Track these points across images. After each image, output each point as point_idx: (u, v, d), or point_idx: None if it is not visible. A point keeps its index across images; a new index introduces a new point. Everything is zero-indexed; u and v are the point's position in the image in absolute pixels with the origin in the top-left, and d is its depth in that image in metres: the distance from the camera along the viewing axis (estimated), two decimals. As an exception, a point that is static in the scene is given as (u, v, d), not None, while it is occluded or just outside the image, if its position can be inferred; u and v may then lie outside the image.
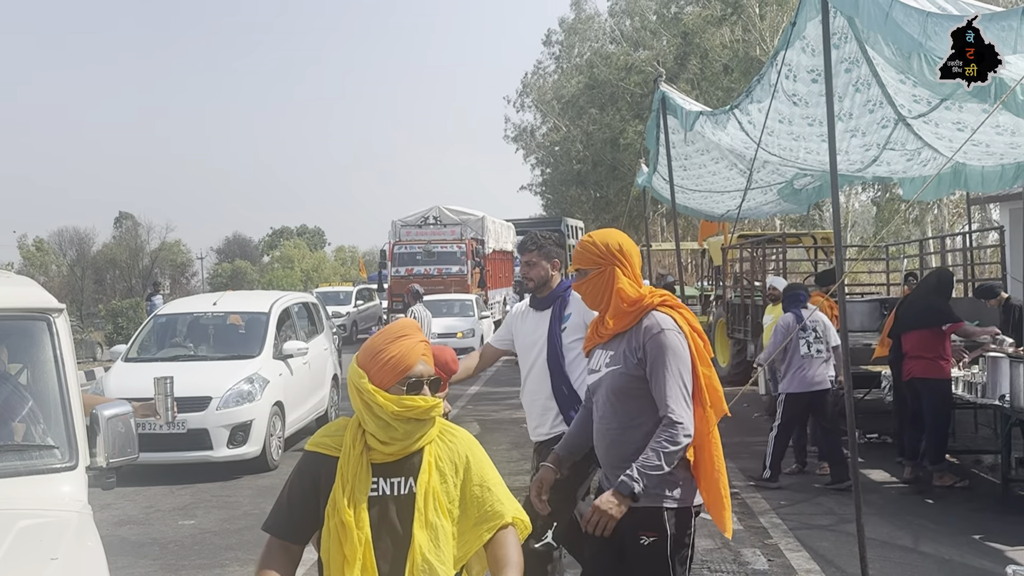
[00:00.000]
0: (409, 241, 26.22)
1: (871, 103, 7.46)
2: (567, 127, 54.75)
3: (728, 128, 8.71)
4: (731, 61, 32.96)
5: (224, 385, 10.07)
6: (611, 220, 51.93)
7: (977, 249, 14.79)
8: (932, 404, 8.49)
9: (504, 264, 31.68)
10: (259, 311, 11.58)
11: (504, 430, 12.78)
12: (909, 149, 8.35)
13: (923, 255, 14.45)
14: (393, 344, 2.53)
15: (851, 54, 6.80)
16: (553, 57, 58.29)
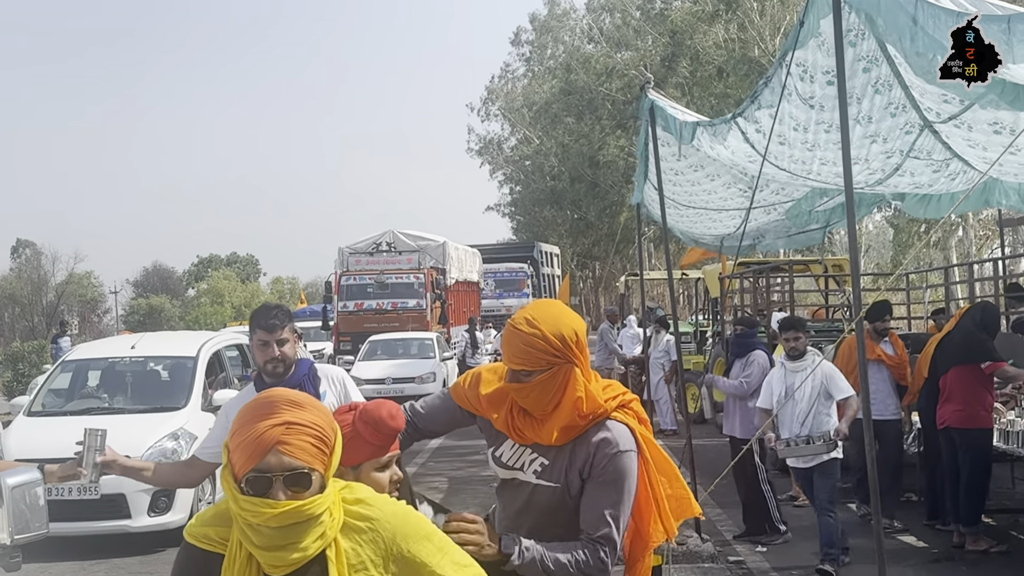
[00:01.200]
0: (359, 271, 26.11)
1: (893, 106, 7.55)
2: (539, 138, 55.12)
3: (729, 140, 8.76)
4: (726, 63, 33.38)
5: (145, 442, 9.94)
6: (591, 244, 52.33)
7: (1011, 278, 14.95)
8: (971, 458, 8.50)
9: (469, 297, 31.69)
10: (185, 355, 11.47)
11: (472, 490, 12.71)
12: (936, 160, 8.44)
13: (948, 284, 14.61)
14: (247, 425, 2.28)
15: (869, 52, 6.88)
16: (523, 59, 58.88)
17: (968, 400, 8.49)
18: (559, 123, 47.97)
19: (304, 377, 4.65)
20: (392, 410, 2.94)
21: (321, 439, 2.31)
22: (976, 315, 8.85)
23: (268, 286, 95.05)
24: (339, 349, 25.46)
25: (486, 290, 35.15)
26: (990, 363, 8.51)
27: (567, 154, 47.77)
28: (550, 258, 42.83)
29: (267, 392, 2.38)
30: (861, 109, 7.50)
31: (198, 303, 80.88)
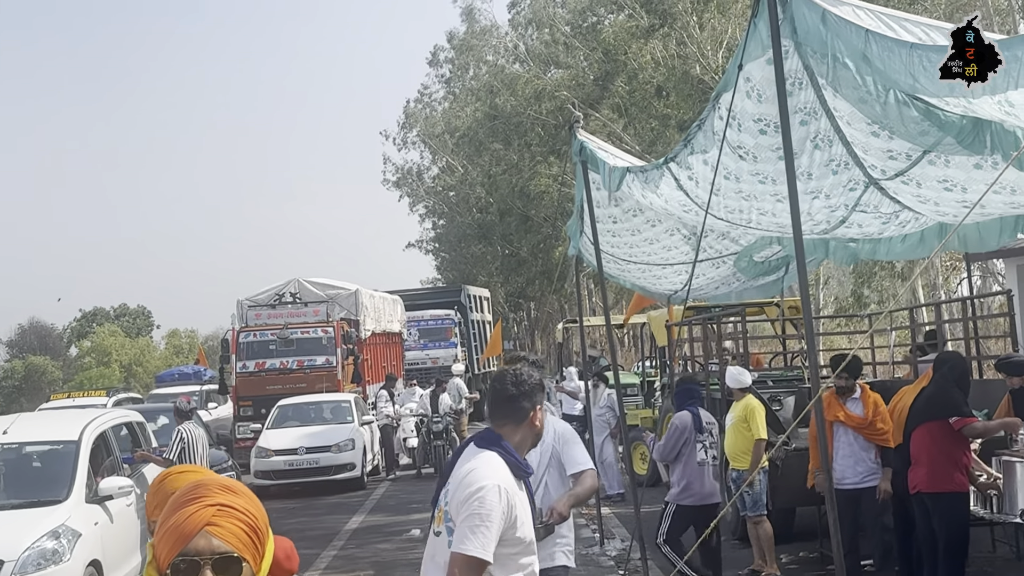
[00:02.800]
0: (259, 327, 25.78)
1: (835, 162, 7.70)
2: (464, 167, 55.30)
3: (662, 188, 8.87)
4: (666, 81, 33.81)
5: (20, 543, 9.71)
6: (525, 283, 52.47)
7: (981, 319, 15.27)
8: (946, 526, 8.59)
9: (389, 350, 31.53)
10: (65, 439, 11.25)
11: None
12: (885, 212, 8.63)
13: (915, 326, 14.88)
14: (175, 511, 2.39)
15: (807, 103, 7.02)
16: (442, 80, 59.08)
17: (938, 461, 8.55)
18: (485, 150, 48.11)
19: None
20: (288, 550, 2.95)
21: (253, 528, 2.37)
22: (945, 368, 8.99)
23: (162, 340, 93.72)
24: (239, 415, 25.07)
25: (409, 341, 35.02)
26: (958, 418, 8.56)
27: (495, 184, 47.90)
28: (479, 302, 42.82)
29: (198, 479, 2.50)
30: (800, 164, 7.64)
31: (82, 364, 79.43)
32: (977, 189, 7.62)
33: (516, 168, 45.08)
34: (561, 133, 39.99)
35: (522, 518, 4.28)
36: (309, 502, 19.51)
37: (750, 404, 11.01)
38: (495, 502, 4.15)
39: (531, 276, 50.45)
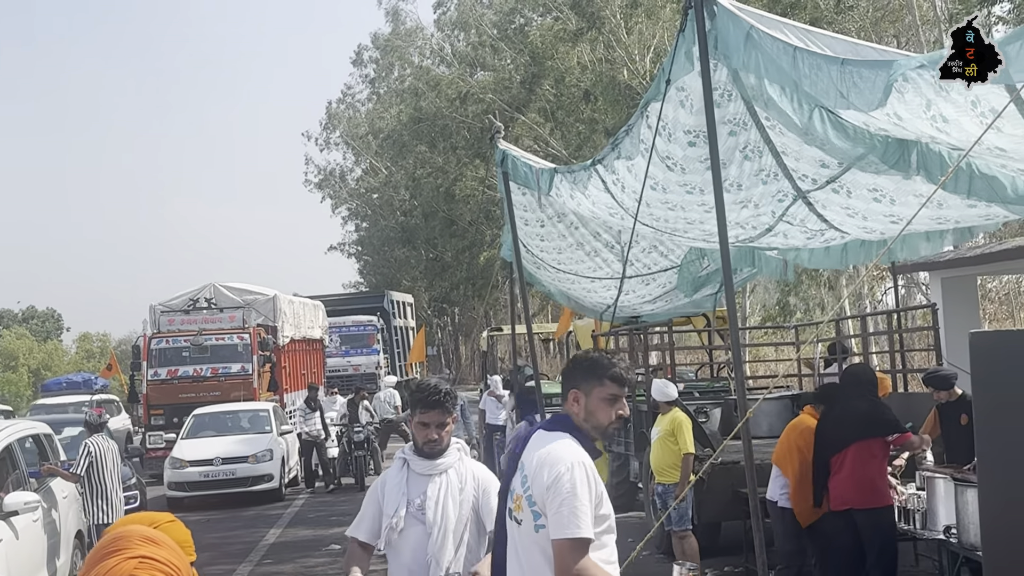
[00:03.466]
0: (172, 333, 25.42)
1: (764, 173, 7.78)
2: (388, 169, 55.10)
3: (590, 189, 8.90)
4: (593, 86, 33.97)
5: (-82, 565, 9.44)
6: (449, 288, 52.34)
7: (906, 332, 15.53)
8: (880, 540, 8.73)
9: (310, 357, 31.24)
10: (-33, 453, 10.96)
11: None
12: (811, 228, 8.73)
13: (841, 339, 15.07)
14: (96, 562, 2.41)
15: (736, 115, 7.08)
16: (367, 80, 58.86)
17: (870, 477, 8.73)
18: (409, 152, 47.97)
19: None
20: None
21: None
22: (852, 381, 9.17)
23: (73, 344, 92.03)
24: (150, 425, 24.66)
25: (331, 347, 34.75)
26: (898, 435, 8.84)
27: (419, 187, 47.77)
28: (403, 308, 42.65)
29: (120, 529, 2.52)
30: (729, 175, 7.70)
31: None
32: (905, 201, 7.73)
33: (441, 171, 45.00)
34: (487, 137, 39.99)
35: (604, 495, 4.27)
36: (225, 515, 19.25)
37: (677, 417, 11.06)
38: (582, 479, 4.14)
39: (456, 281, 50.34)
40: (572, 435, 4.32)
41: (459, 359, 62.47)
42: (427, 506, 5.10)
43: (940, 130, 5.75)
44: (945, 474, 8.55)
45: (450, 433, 5.18)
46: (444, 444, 5.15)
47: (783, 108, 6.34)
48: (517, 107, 38.57)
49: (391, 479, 5.22)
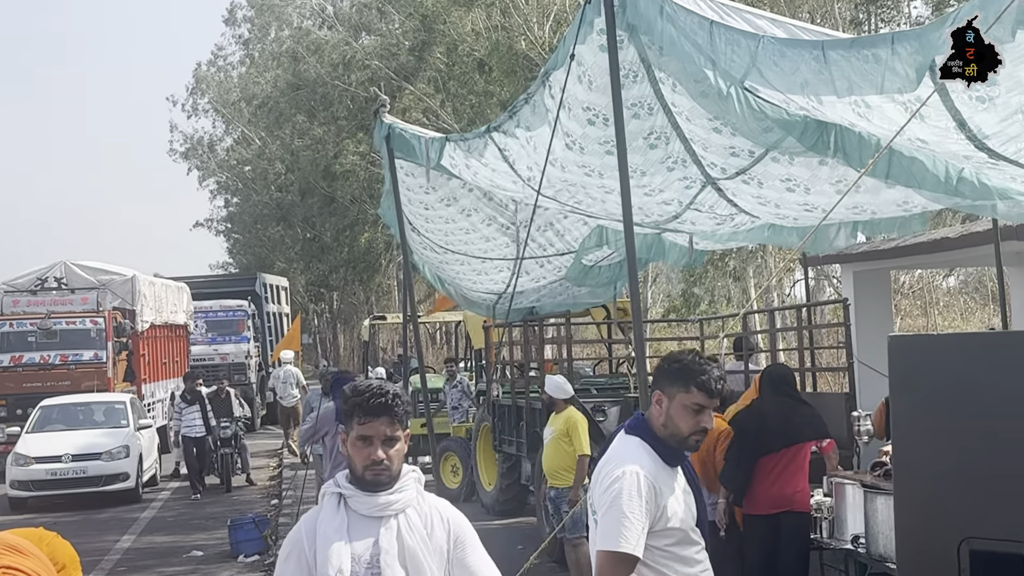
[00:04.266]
0: (17, 315, 24.82)
1: (671, 159, 7.85)
2: (262, 139, 54.43)
3: (487, 156, 8.88)
4: (488, 55, 33.94)
5: None
6: (328, 271, 51.97)
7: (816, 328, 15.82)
8: (799, 545, 8.99)
9: (172, 344, 30.77)
10: None
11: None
12: (720, 214, 8.85)
13: (748, 334, 15.29)
14: None
15: (642, 98, 7.12)
16: (240, 42, 58.10)
17: (802, 480, 9.03)
18: (286, 122, 47.46)
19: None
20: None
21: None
22: (792, 384, 9.42)
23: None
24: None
25: (196, 334, 34.25)
26: (832, 440, 9.22)
27: (296, 160, 47.30)
28: (276, 292, 42.18)
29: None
30: (631, 162, 7.76)
31: None
32: (821, 189, 7.87)
33: (321, 143, 44.60)
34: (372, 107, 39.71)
35: (674, 507, 4.24)
36: (76, 517, 18.85)
37: (572, 416, 11.10)
38: (634, 490, 4.12)
39: (335, 264, 49.96)
40: (646, 440, 4.33)
41: (337, 349, 62.07)
42: (383, 563, 3.93)
43: (861, 115, 5.86)
44: (855, 480, 8.74)
45: (402, 453, 4.02)
46: (395, 470, 3.97)
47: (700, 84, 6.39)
48: (405, 76, 38.38)
49: (324, 525, 3.96)
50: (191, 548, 15.27)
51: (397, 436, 3.96)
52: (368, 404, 3.94)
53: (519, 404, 14.42)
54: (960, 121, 5.12)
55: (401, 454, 4.00)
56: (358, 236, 45.31)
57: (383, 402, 3.94)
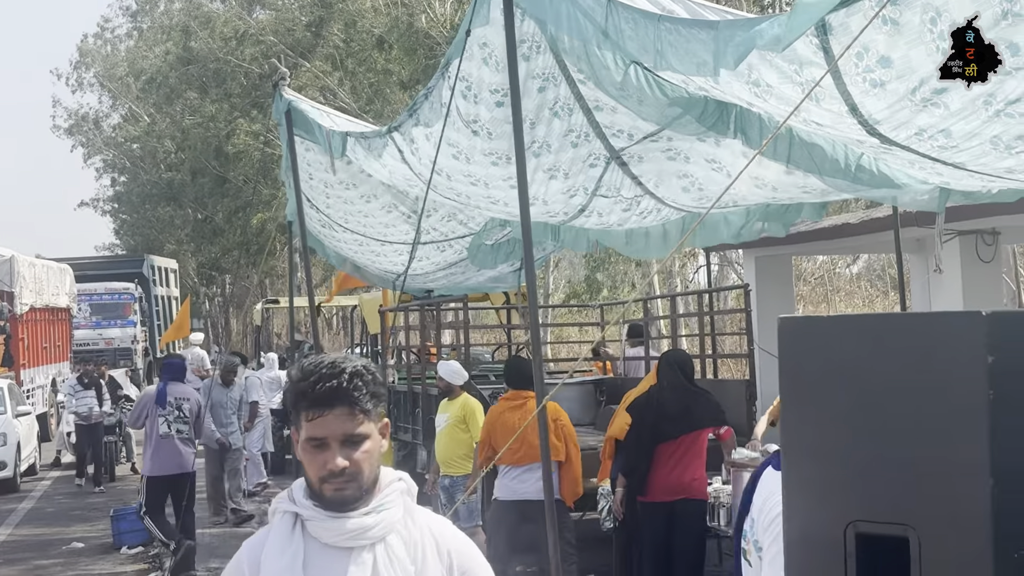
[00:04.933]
0: None
1: (574, 134, 7.88)
2: (151, 116, 53.60)
3: (385, 158, 8.87)
4: (388, 32, 33.78)
5: None
6: (220, 253, 51.35)
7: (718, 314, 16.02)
8: (695, 534, 9.20)
9: (54, 328, 30.25)
10: None
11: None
12: (626, 197, 8.91)
13: (649, 320, 15.46)
14: None
15: (545, 69, 7.15)
16: (127, 13, 57.12)
17: (699, 468, 9.21)
18: (177, 98, 46.76)
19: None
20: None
21: None
22: (690, 370, 9.54)
23: None
24: None
25: (79, 317, 33.70)
26: (729, 427, 9.39)
27: (187, 138, 46.61)
28: (165, 275, 41.71)
29: None
30: (536, 136, 7.78)
31: None
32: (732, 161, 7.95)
33: (213, 121, 43.99)
34: (267, 84, 39.30)
35: None
36: (-52, 509, 18.49)
37: (469, 403, 11.11)
38: None
39: (228, 246, 49.36)
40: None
41: (230, 334, 61.44)
42: None
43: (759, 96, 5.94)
44: (752, 467, 8.89)
45: (376, 456, 2.99)
46: (365, 480, 2.96)
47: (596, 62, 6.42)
48: (302, 53, 38.03)
49: (272, 557, 2.96)
50: (71, 540, 15.04)
51: (363, 433, 2.92)
52: (315, 391, 2.91)
53: (415, 390, 14.41)
54: (852, 105, 5.21)
55: (374, 457, 2.97)
56: (251, 217, 44.85)
57: (336, 386, 2.91)
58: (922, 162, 6.07)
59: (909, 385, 3.69)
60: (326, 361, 2.99)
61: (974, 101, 4.74)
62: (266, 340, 25.45)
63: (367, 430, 2.95)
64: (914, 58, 4.59)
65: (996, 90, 4.61)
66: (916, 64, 4.65)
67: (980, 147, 5.31)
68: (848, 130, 5.66)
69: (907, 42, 4.58)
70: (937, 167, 6.17)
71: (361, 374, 2.96)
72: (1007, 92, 4.63)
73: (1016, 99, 4.67)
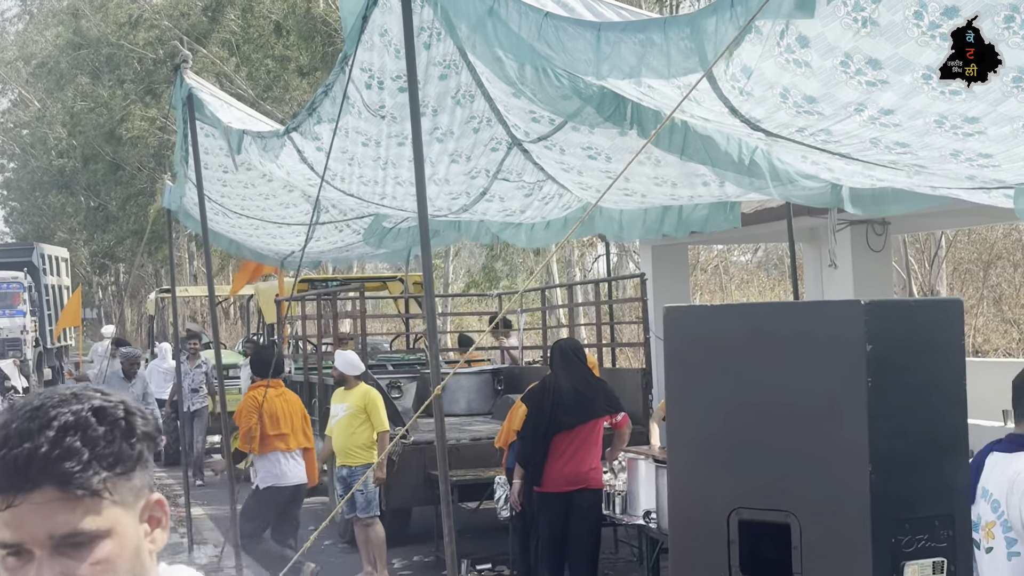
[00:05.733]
0: None
1: (476, 120, 7.88)
2: (41, 102, 52.63)
3: (283, 159, 8.79)
4: (285, 18, 33.50)
5: None
6: (114, 242, 50.59)
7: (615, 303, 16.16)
8: (592, 523, 9.16)
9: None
10: None
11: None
12: (528, 182, 8.93)
13: (546, 308, 15.54)
14: None
15: (447, 56, 7.14)
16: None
17: (595, 457, 9.20)
18: (68, 83, 45.94)
19: None
20: None
21: None
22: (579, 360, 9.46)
23: None
24: None
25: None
26: (625, 414, 9.39)
27: (79, 124, 45.81)
28: (56, 264, 40.93)
29: None
30: (439, 123, 7.77)
31: None
32: (621, 159, 8.00)
33: (106, 107, 43.30)
34: (162, 70, 38.75)
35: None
36: None
37: (368, 393, 11.09)
38: None
39: (121, 234, 48.62)
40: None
41: (124, 323, 60.60)
42: None
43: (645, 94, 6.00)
44: (647, 456, 9.00)
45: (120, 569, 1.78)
46: None
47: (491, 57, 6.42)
48: (197, 38, 37.52)
49: None
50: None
51: (92, 530, 1.76)
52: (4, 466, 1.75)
53: (312, 380, 14.35)
54: (731, 108, 5.27)
55: (121, 568, 1.80)
56: (146, 205, 44.23)
57: (32, 453, 1.74)
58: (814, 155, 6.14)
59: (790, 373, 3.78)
60: (30, 407, 1.80)
61: (845, 107, 4.81)
62: (161, 330, 25.04)
63: (102, 523, 1.77)
64: (767, 70, 4.64)
65: (866, 99, 4.68)
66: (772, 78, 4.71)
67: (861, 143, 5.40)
68: (735, 126, 5.72)
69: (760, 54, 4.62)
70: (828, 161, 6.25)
71: (84, 426, 1.77)
72: (880, 103, 4.71)
73: (890, 110, 4.75)
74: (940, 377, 3.69)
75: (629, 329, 19.30)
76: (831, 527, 3.60)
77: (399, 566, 11.81)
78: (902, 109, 4.71)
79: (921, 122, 4.81)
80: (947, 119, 4.70)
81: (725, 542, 3.73)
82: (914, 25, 4.01)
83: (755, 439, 3.65)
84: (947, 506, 3.65)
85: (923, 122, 4.81)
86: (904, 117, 4.79)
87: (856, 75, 4.45)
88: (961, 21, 3.92)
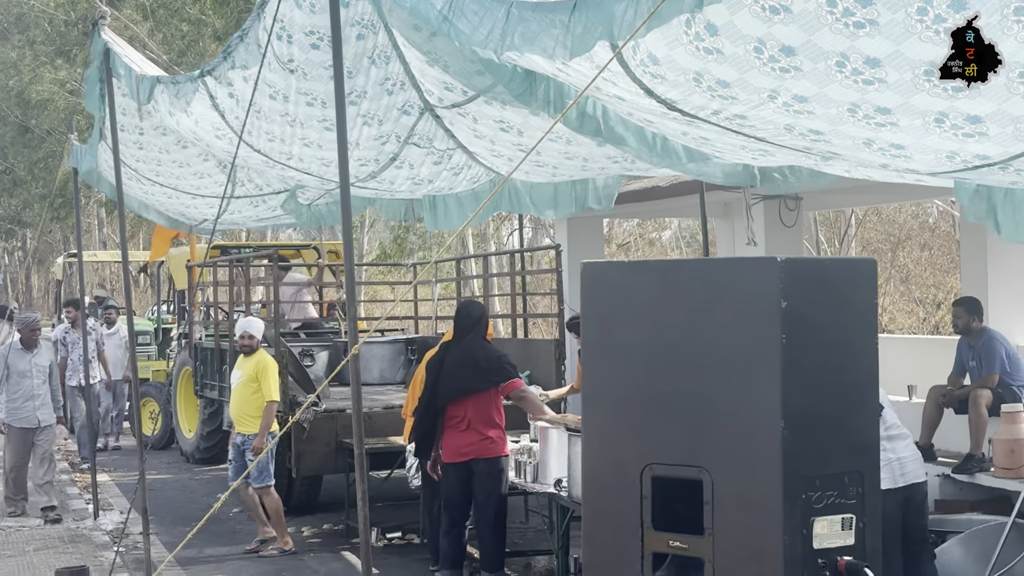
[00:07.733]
0: None
1: (390, 82, 7.82)
2: (-52, 62, 51.41)
3: (194, 106, 8.62)
4: (200, -19, 33.09)
5: None
6: (21, 207, 49.61)
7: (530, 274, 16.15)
8: (497, 492, 9.12)
9: None
10: None
11: None
12: (438, 149, 8.88)
13: (461, 279, 15.49)
14: None
15: (364, 16, 7.07)
16: (-77, -47, 54.46)
17: (493, 425, 9.11)
18: (-24, 44, 44.97)
19: None
20: None
21: None
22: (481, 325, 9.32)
23: None
24: None
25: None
26: (508, 383, 9.12)
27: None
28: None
29: None
30: (355, 85, 7.70)
31: None
32: (533, 135, 7.99)
33: (15, 68, 42.41)
34: (73, 31, 38.02)
35: None
36: None
37: (263, 360, 10.98)
38: None
39: (29, 199, 47.67)
40: None
41: (31, 290, 59.52)
42: None
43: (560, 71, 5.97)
44: (559, 424, 8.96)
45: None
46: None
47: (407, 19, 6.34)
48: (110, 1, 36.90)
49: None
50: None
51: None
52: None
53: (223, 347, 14.19)
54: (646, 89, 5.25)
55: None
56: (55, 170, 43.38)
57: None
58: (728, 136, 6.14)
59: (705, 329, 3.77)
60: None
61: (759, 92, 4.81)
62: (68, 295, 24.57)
63: None
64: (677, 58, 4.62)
65: (779, 86, 4.68)
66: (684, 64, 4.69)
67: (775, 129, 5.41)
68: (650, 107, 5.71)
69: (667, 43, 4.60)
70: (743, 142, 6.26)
71: None
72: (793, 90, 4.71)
73: (804, 97, 4.75)
74: (853, 335, 3.70)
75: (544, 301, 19.31)
76: (743, 483, 3.61)
77: (308, 534, 11.73)
78: (815, 97, 4.72)
79: (835, 111, 4.83)
80: (859, 108, 4.72)
81: (638, 498, 3.72)
82: (828, 12, 4.01)
83: (669, 394, 3.64)
84: (857, 463, 3.68)
85: (836, 111, 4.82)
86: (817, 105, 4.80)
87: (769, 62, 4.45)
88: (874, 11, 3.92)
